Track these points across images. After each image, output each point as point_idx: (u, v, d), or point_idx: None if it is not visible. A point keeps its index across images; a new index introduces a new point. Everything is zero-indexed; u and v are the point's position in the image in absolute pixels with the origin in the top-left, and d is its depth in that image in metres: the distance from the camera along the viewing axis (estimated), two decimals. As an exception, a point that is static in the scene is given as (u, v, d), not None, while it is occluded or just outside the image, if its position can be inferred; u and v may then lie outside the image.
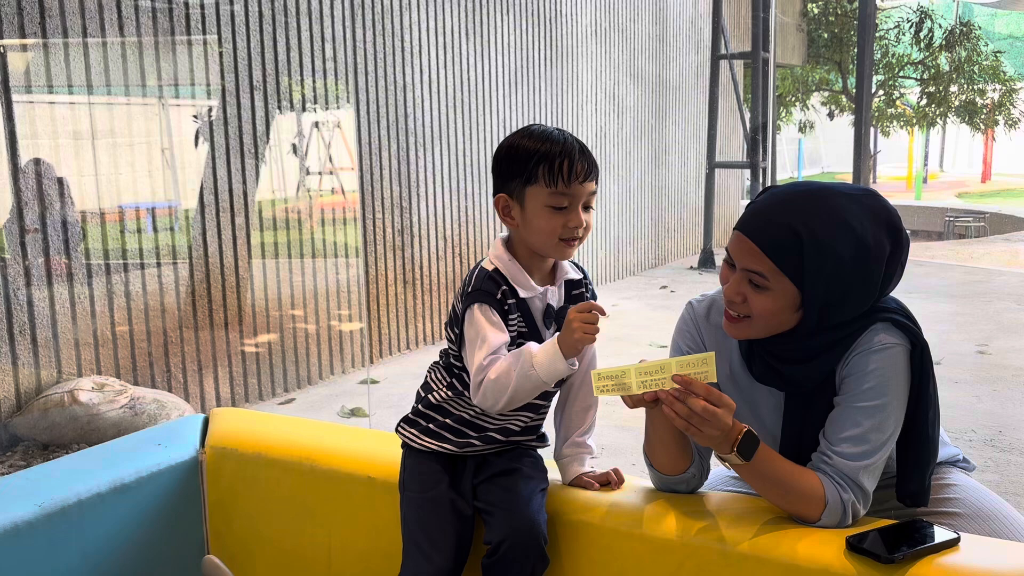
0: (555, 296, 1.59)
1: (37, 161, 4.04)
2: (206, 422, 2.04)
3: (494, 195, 1.59)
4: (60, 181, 4.12)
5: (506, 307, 1.53)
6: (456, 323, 1.57)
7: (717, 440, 1.41)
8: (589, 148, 1.57)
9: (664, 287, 8.34)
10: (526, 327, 1.56)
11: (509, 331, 1.53)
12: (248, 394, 4.91)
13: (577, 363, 1.52)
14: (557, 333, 1.50)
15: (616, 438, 3.72)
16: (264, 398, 4.97)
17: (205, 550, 1.97)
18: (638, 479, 1.69)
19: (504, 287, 1.54)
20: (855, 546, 1.36)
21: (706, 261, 9.45)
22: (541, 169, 1.51)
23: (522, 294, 1.55)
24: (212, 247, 4.71)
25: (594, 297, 1.65)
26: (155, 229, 4.65)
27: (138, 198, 4.59)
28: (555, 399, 1.68)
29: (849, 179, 13.65)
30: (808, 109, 18.46)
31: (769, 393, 1.58)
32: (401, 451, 1.69)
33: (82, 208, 4.26)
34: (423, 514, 1.59)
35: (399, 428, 1.68)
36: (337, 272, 5.52)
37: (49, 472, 1.88)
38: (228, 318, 4.80)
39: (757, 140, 9.17)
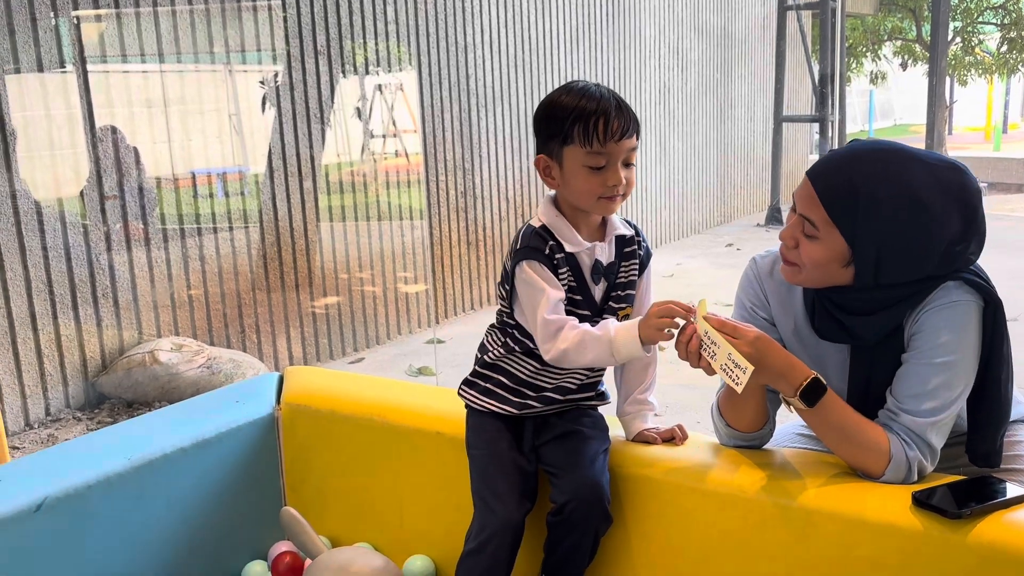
0: (604, 252, 1.60)
1: (113, 129, 4.17)
2: (281, 380, 2.11)
3: (536, 155, 1.60)
4: (135, 150, 4.24)
5: (555, 261, 1.55)
6: (507, 280, 1.59)
7: (771, 378, 1.44)
8: (642, 104, 1.56)
9: (730, 245, 8.23)
10: (575, 282, 1.57)
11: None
12: (319, 353, 5.03)
13: (652, 349, 1.54)
14: (639, 318, 1.52)
15: (681, 395, 3.72)
16: (335, 357, 5.09)
17: (283, 502, 2.05)
18: (703, 435, 1.70)
19: (552, 242, 1.55)
20: (922, 502, 1.36)
21: (773, 218, 9.27)
22: (577, 129, 1.50)
23: (569, 249, 1.56)
24: (281, 211, 4.81)
25: (648, 255, 1.66)
26: (226, 194, 4.77)
27: (209, 164, 4.70)
28: None
29: (922, 131, 13.19)
30: (880, 59, 17.83)
31: (836, 349, 1.57)
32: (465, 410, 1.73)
33: (156, 174, 4.39)
34: (487, 470, 1.63)
35: (460, 391, 1.72)
36: (402, 234, 5.59)
37: (136, 428, 1.98)
38: (299, 280, 4.91)
39: (826, 93, 8.93)
